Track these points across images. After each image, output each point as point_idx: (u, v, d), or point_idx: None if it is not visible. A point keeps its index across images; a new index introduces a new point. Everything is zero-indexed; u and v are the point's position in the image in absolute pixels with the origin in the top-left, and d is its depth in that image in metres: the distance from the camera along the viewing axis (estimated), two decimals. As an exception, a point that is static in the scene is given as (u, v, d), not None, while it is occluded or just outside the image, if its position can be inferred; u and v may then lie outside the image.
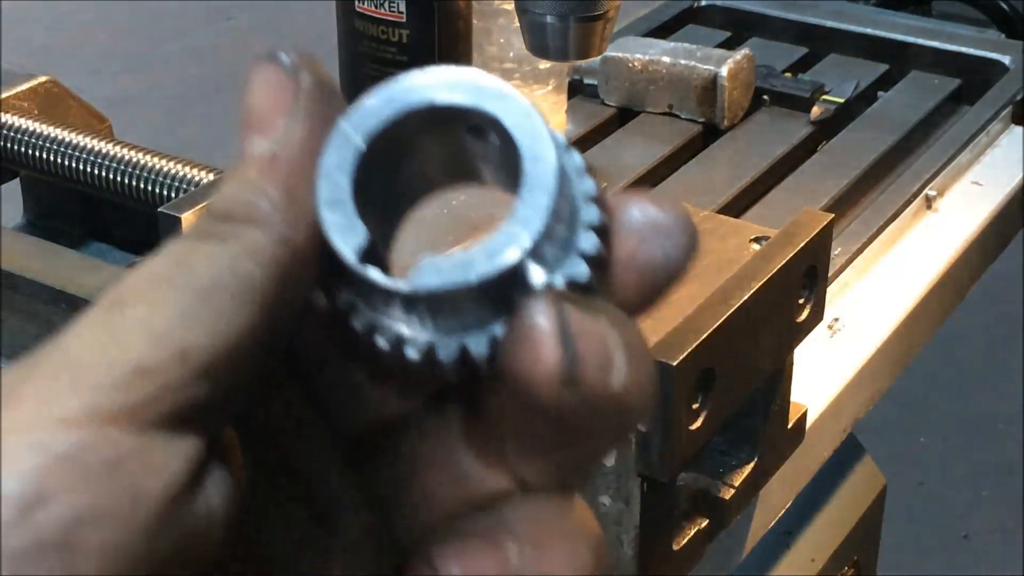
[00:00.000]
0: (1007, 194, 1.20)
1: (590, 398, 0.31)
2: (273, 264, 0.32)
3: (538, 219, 0.31)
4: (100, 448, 0.30)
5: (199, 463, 0.32)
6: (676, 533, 0.80)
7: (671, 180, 1.16)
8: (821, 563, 1.09)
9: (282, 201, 0.32)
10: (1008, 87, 1.31)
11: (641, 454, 0.74)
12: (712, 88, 1.22)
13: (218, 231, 0.32)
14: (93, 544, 0.30)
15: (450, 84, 0.32)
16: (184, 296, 0.31)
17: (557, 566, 0.34)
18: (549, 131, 0.32)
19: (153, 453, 0.31)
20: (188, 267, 0.32)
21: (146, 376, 0.31)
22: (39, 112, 1.06)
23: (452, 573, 0.33)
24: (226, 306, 0.31)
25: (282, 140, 0.33)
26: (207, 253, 0.32)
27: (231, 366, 0.32)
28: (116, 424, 0.30)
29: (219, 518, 0.32)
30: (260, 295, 0.32)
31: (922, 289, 1.08)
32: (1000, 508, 2.32)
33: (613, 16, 1.01)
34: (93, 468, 0.30)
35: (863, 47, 1.39)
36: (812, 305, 0.82)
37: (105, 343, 0.31)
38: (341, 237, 0.32)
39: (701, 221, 0.86)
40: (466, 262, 0.31)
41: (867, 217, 1.12)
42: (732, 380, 0.76)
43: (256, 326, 0.32)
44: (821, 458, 0.99)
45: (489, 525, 0.34)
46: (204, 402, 0.32)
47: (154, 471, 0.31)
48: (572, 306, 0.31)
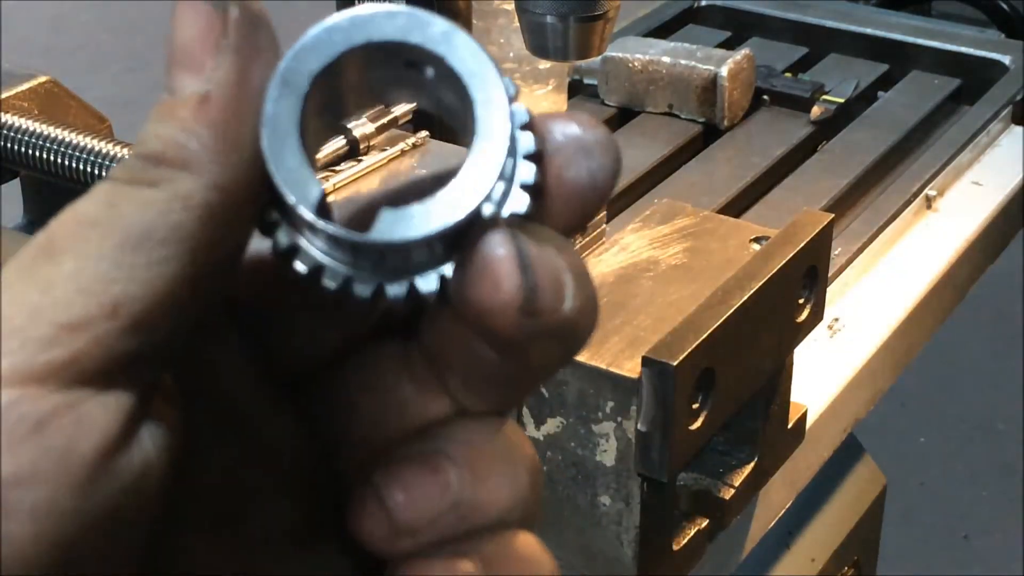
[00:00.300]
0: (1007, 194, 1.20)
1: (545, 324, 0.32)
2: (206, 210, 0.31)
3: (494, 168, 0.32)
4: (28, 408, 0.30)
5: (131, 416, 0.31)
6: (676, 533, 0.80)
7: (671, 180, 1.17)
8: (821, 563, 1.09)
9: (215, 144, 0.31)
10: (1008, 87, 1.31)
11: (641, 454, 0.74)
12: (712, 88, 1.22)
13: (149, 176, 0.31)
14: (25, 506, 0.29)
15: (390, 19, 0.32)
16: (114, 245, 0.31)
17: (495, 488, 0.34)
18: (497, 71, 0.32)
19: (83, 409, 0.30)
20: (119, 214, 0.31)
21: (75, 331, 0.30)
22: (39, 112, 1.06)
23: (396, 499, 0.34)
24: (157, 256, 0.31)
25: (213, 79, 0.31)
26: (138, 200, 0.31)
27: (163, 316, 0.31)
28: (44, 382, 0.30)
29: (155, 469, 0.32)
30: (193, 243, 0.31)
31: (922, 289, 1.08)
32: (1000, 508, 2.32)
33: (613, 16, 1.01)
34: (20, 428, 0.30)
35: (863, 47, 1.39)
36: (812, 305, 0.82)
37: (32, 298, 0.30)
38: (295, 191, 0.31)
39: (701, 221, 0.86)
40: (426, 213, 0.31)
41: (867, 217, 1.12)
42: (732, 380, 0.76)
43: (189, 275, 0.31)
44: (821, 458, 0.99)
45: (429, 451, 0.34)
46: (135, 354, 0.31)
47: (84, 428, 0.30)
48: (525, 236, 0.32)
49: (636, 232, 0.85)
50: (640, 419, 0.72)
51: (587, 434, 0.76)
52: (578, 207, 0.34)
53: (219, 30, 0.32)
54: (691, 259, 0.82)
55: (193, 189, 0.31)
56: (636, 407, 0.73)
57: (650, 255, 0.82)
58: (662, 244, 0.84)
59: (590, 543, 0.78)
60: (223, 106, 0.31)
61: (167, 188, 0.31)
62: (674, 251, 0.83)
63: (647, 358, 0.71)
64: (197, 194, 0.31)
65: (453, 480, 0.34)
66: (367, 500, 0.34)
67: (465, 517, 0.34)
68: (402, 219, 0.31)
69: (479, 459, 0.34)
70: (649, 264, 0.82)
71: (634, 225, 0.86)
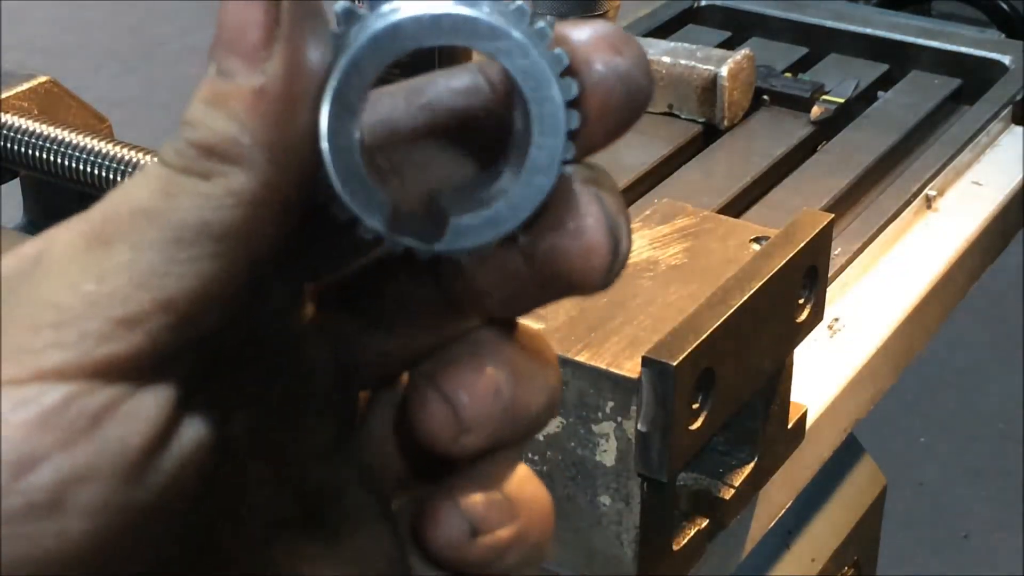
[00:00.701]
0: (1007, 194, 1.20)
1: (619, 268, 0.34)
2: (257, 208, 0.31)
3: (555, 165, 0.33)
4: (85, 403, 0.30)
5: (175, 407, 0.32)
6: (676, 533, 0.80)
7: (671, 180, 1.17)
8: (821, 563, 1.09)
9: (267, 140, 0.31)
10: (1008, 87, 1.31)
11: (641, 454, 0.74)
12: (712, 88, 1.22)
13: (202, 167, 0.31)
14: (81, 502, 0.30)
15: (436, 23, 0.32)
16: (169, 238, 0.31)
17: (534, 390, 0.36)
18: (548, 63, 0.32)
19: (133, 403, 0.31)
20: (174, 207, 0.31)
21: (131, 326, 0.30)
22: (39, 112, 1.06)
23: (461, 399, 0.35)
24: (209, 250, 0.31)
25: (268, 72, 0.31)
26: (193, 192, 0.31)
27: (210, 310, 0.31)
28: (100, 376, 0.30)
29: (197, 455, 0.32)
30: (242, 239, 0.31)
31: (922, 289, 1.08)
32: (1000, 508, 2.32)
33: (613, 16, 1.01)
34: (79, 423, 0.30)
35: (863, 47, 1.39)
36: (812, 305, 0.82)
37: (88, 288, 0.30)
38: (367, 212, 0.32)
39: (701, 221, 0.86)
40: (495, 219, 0.33)
41: (867, 217, 1.12)
42: (732, 380, 0.76)
43: (236, 270, 0.31)
44: (821, 458, 0.99)
45: (474, 356, 0.36)
46: (182, 347, 0.31)
47: (135, 422, 0.31)
48: (599, 190, 0.33)
49: (636, 232, 0.85)
50: (640, 419, 0.72)
51: (587, 434, 0.76)
52: (613, 128, 0.35)
53: (273, 17, 0.31)
54: (691, 259, 0.82)
55: (246, 186, 0.31)
56: (636, 407, 0.73)
57: (650, 255, 0.82)
58: (662, 244, 0.84)
59: (590, 543, 0.78)
60: (278, 102, 0.31)
61: (220, 183, 0.31)
62: (674, 251, 0.83)
63: (647, 358, 0.71)
64: (249, 191, 0.31)
65: (502, 382, 0.35)
66: (431, 402, 0.35)
67: (514, 418, 0.36)
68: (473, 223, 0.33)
69: (516, 363, 0.36)
70: (649, 264, 0.82)
71: (634, 225, 0.86)
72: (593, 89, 0.33)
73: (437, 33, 0.32)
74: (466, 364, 0.36)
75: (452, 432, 0.35)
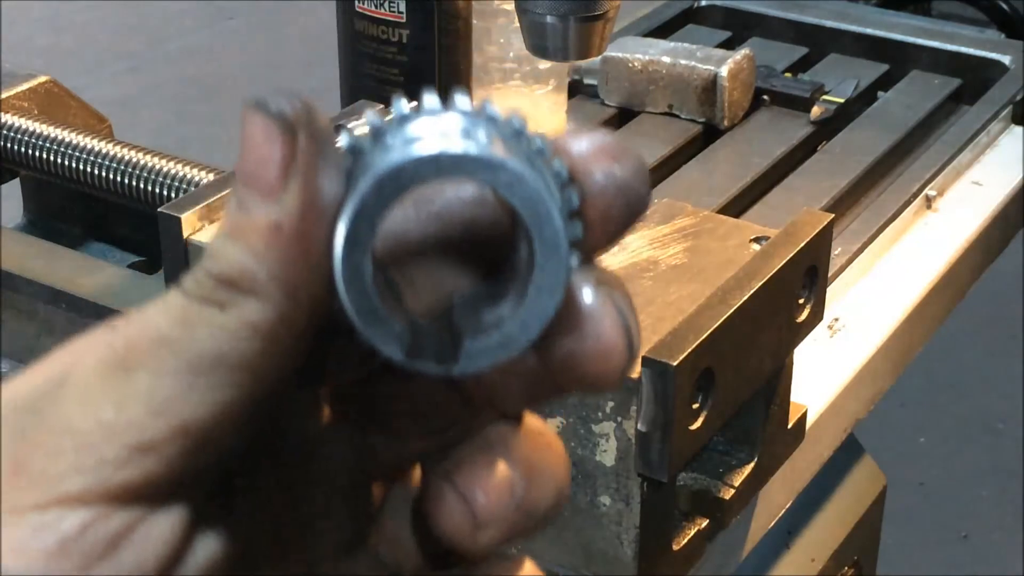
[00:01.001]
0: (1007, 194, 1.20)
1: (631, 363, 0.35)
2: (272, 339, 0.32)
3: (559, 286, 0.33)
4: (102, 528, 0.31)
5: (189, 527, 0.33)
6: (676, 533, 0.80)
7: (671, 180, 1.16)
8: (821, 563, 1.09)
9: (282, 275, 0.32)
10: (1008, 87, 1.31)
11: (641, 454, 0.74)
12: (712, 88, 1.22)
13: (219, 298, 0.32)
14: None
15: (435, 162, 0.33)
16: (186, 367, 0.32)
17: (544, 485, 0.37)
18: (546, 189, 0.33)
19: (147, 525, 0.32)
20: (192, 337, 0.32)
21: (148, 452, 0.31)
22: (39, 112, 1.06)
23: (478, 497, 0.36)
24: (226, 380, 0.32)
25: (285, 207, 0.32)
26: (209, 321, 0.32)
27: (224, 436, 0.33)
28: (117, 501, 0.31)
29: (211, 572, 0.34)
30: (257, 370, 0.32)
31: (922, 289, 1.08)
32: (1000, 508, 2.32)
33: (613, 16, 1.01)
34: (97, 548, 0.31)
35: (863, 47, 1.39)
36: (812, 305, 0.82)
37: (107, 415, 0.32)
38: (384, 343, 0.33)
39: (701, 221, 0.86)
40: (507, 340, 0.34)
41: (867, 217, 1.12)
42: (732, 380, 0.76)
43: (250, 397, 0.33)
44: (821, 458, 0.99)
45: (487, 453, 0.37)
46: (197, 471, 0.33)
47: (150, 544, 0.32)
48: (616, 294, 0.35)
49: (636, 232, 0.85)
50: (640, 419, 0.72)
51: (587, 434, 0.76)
52: (612, 235, 0.35)
53: (288, 153, 0.32)
54: (691, 259, 0.82)
55: (261, 317, 0.32)
56: (636, 407, 0.73)
57: (650, 255, 0.82)
58: (662, 244, 0.84)
59: (590, 543, 0.79)
60: (291, 237, 0.32)
61: (235, 314, 0.32)
62: (674, 251, 0.83)
63: (647, 358, 0.71)
64: (264, 323, 0.32)
65: (516, 479, 0.36)
66: (448, 500, 0.36)
67: (527, 513, 0.37)
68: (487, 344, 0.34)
69: (528, 459, 0.37)
70: (649, 264, 0.82)
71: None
72: (593, 199, 0.34)
73: (437, 171, 0.33)
74: (481, 462, 0.37)
75: (469, 528, 0.36)
